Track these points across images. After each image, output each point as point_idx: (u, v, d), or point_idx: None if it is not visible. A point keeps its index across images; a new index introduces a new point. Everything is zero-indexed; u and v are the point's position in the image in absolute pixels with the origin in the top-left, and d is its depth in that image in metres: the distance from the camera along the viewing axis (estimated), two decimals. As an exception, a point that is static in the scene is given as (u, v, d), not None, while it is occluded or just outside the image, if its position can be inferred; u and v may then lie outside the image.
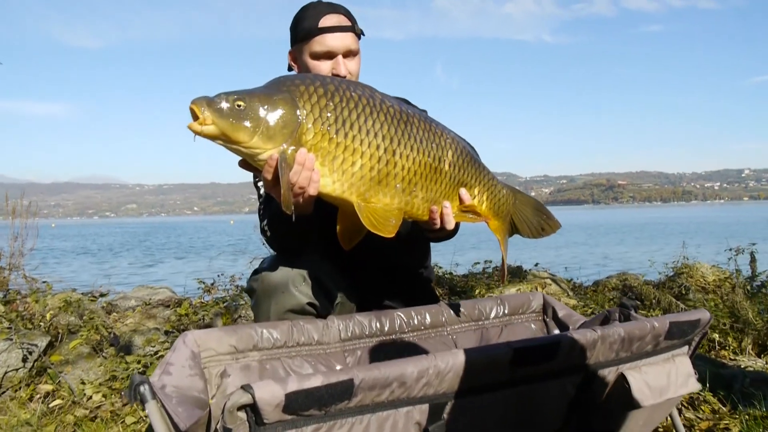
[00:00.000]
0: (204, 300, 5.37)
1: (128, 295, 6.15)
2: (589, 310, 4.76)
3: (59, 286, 6.40)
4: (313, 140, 1.47)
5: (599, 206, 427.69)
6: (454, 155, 1.69)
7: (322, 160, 1.49)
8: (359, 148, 1.51)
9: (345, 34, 1.93)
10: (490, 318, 1.98)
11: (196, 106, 1.37)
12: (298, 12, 2.00)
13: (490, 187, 1.80)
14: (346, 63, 1.95)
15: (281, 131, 1.44)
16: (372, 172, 1.53)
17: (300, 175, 1.45)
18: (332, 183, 1.51)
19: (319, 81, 1.52)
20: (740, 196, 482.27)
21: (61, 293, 5.37)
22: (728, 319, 3.82)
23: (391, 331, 1.79)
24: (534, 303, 2.06)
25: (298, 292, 1.74)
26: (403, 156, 1.57)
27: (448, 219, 1.66)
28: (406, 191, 1.59)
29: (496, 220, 1.83)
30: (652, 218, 61.65)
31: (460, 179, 1.71)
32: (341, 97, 1.51)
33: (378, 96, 1.60)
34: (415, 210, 1.63)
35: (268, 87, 1.50)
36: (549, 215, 1.90)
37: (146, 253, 24.67)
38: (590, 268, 13.25)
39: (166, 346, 3.87)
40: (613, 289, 6.39)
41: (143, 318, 4.99)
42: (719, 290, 5.72)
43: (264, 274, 1.77)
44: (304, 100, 1.47)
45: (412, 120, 1.62)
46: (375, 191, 1.54)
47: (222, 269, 8.71)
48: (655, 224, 43.47)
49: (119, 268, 17.59)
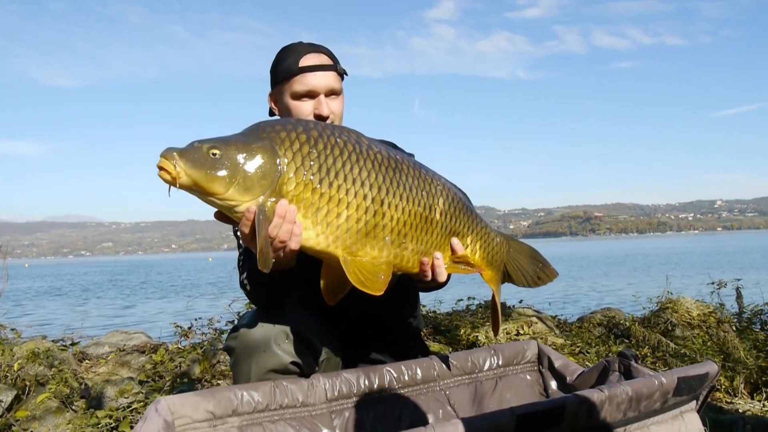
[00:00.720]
0: (181, 345, 5.18)
1: (101, 341, 5.93)
2: (576, 349, 4.68)
3: (29, 333, 6.16)
4: (294, 191, 1.36)
5: (577, 238, 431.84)
6: (446, 203, 1.60)
7: (305, 212, 1.38)
8: (345, 199, 1.40)
9: (327, 73, 1.86)
10: (484, 370, 1.87)
11: (166, 158, 1.27)
12: (278, 53, 1.93)
13: (483, 236, 1.70)
14: (329, 103, 1.87)
15: (260, 182, 1.33)
16: (359, 224, 1.42)
17: (280, 228, 1.34)
18: (316, 236, 1.40)
19: (301, 126, 1.43)
20: (714, 226, 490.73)
21: (31, 341, 5.14)
22: (719, 358, 3.76)
23: (380, 388, 1.68)
24: (528, 353, 1.96)
25: (281, 350, 1.61)
26: (393, 206, 1.47)
27: (440, 271, 1.57)
28: (395, 243, 1.48)
29: (490, 269, 1.73)
30: (631, 250, 62.22)
31: (452, 228, 1.61)
32: (325, 144, 1.41)
33: (365, 141, 1.50)
34: (405, 262, 1.53)
35: (246, 134, 1.40)
36: (545, 263, 1.80)
37: (122, 293, 24.14)
38: (574, 302, 13.22)
39: (139, 397, 3.69)
40: (598, 324, 6.33)
41: (117, 366, 4.80)
42: (704, 325, 5.69)
43: (243, 331, 1.64)
44: (285, 148, 1.37)
45: (402, 166, 1.53)
46: (362, 244, 1.44)
47: (201, 310, 8.49)
48: (635, 255, 43.83)
49: (95, 310, 17.14)
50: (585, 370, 1.86)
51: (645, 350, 4.23)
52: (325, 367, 1.75)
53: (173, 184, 1.27)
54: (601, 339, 5.56)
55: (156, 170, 1.26)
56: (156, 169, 1.26)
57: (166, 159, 1.27)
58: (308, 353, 1.68)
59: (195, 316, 5.93)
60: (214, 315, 5.78)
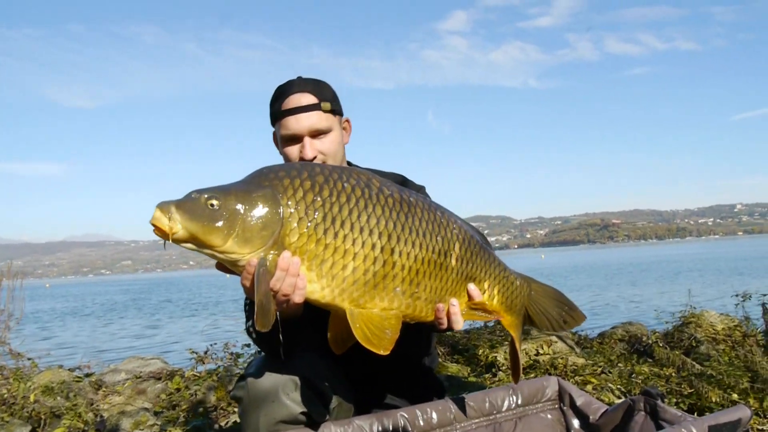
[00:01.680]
0: (197, 371, 5.14)
1: (118, 368, 5.90)
2: (598, 369, 4.56)
3: (46, 361, 6.17)
4: (297, 242, 1.30)
5: (595, 246, 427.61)
6: (462, 247, 1.51)
7: (309, 264, 1.31)
8: (351, 249, 1.33)
9: (309, 114, 1.80)
10: (503, 411, 1.80)
11: (162, 210, 1.21)
12: (273, 93, 1.90)
13: (502, 279, 1.61)
14: (314, 143, 1.81)
15: (260, 233, 1.27)
16: (366, 276, 1.35)
17: (283, 281, 1.28)
18: (321, 289, 1.33)
19: (306, 172, 1.36)
20: (734, 231, 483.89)
21: (47, 370, 5.14)
22: (746, 378, 3.64)
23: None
24: (549, 390, 1.89)
25: (290, 400, 1.55)
26: (404, 254, 1.39)
27: (456, 318, 1.49)
28: (407, 293, 1.40)
29: (510, 315, 1.64)
30: (652, 257, 61.26)
31: (469, 273, 1.53)
32: (331, 190, 1.34)
33: (375, 184, 1.43)
34: (419, 312, 1.45)
35: (248, 181, 1.34)
36: (572, 306, 1.71)
37: (141, 314, 24.21)
38: (595, 315, 13.02)
39: (155, 429, 3.65)
40: (620, 340, 6.19)
41: (133, 394, 4.75)
42: (729, 339, 5.53)
43: (251, 381, 1.59)
44: (288, 196, 1.31)
45: (414, 210, 1.44)
46: (371, 296, 1.36)
47: (226, 328, 8.46)
48: (656, 263, 43.13)
49: (118, 331, 17.20)
50: (609, 409, 1.78)
51: (669, 370, 4.11)
52: (336, 414, 1.69)
53: (167, 238, 1.21)
54: (624, 356, 5.43)
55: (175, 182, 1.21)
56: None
57: (162, 212, 1.21)
58: (318, 401, 1.62)
59: (220, 334, 5.88)
60: (229, 339, 5.74)
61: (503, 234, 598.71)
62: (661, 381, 3.84)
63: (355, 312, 1.35)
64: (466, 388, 4.46)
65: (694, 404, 3.38)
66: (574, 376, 4.42)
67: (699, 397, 3.38)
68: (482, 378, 4.87)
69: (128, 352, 10.56)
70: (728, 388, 3.47)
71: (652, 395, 1.67)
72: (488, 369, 5.01)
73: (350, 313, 1.35)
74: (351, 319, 1.34)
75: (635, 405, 1.69)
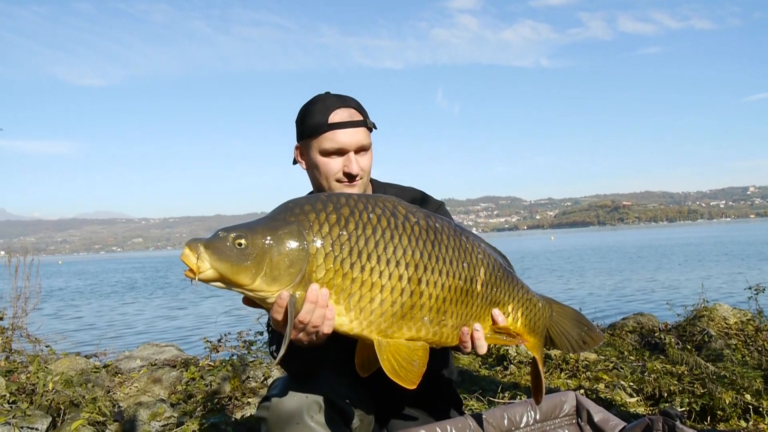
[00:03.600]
0: (211, 360, 5.20)
1: (133, 355, 5.99)
2: (610, 365, 4.58)
3: (63, 345, 6.27)
4: (325, 278, 1.31)
5: (605, 228, 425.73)
6: (487, 272, 1.52)
7: (337, 298, 1.32)
8: (379, 282, 1.33)
9: (357, 130, 1.81)
10: (521, 427, 1.82)
11: (191, 250, 1.22)
12: (306, 105, 1.88)
13: (525, 302, 1.62)
14: (358, 160, 1.82)
15: (287, 271, 1.28)
16: (394, 307, 1.35)
17: (313, 314, 1.30)
18: (349, 322, 1.34)
19: (332, 204, 1.37)
20: (746, 213, 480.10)
21: (65, 357, 5.23)
22: (759, 378, 3.64)
23: (415, 453, 1.64)
24: (566, 406, 1.90)
25: (315, 423, 1.58)
26: (431, 283, 1.39)
27: (480, 343, 1.49)
28: (434, 322, 1.41)
29: (533, 337, 1.65)
30: (664, 240, 60.79)
31: (494, 298, 1.54)
32: (357, 223, 1.35)
33: (401, 212, 1.43)
34: (444, 339, 1.46)
35: (274, 218, 1.35)
36: (591, 327, 1.72)
37: (158, 292, 24.33)
38: (606, 301, 13.00)
39: (171, 420, 3.72)
40: (630, 332, 6.20)
41: (148, 382, 4.83)
42: (741, 334, 5.52)
43: (275, 402, 1.61)
44: (314, 232, 1.31)
45: (441, 237, 1.45)
46: (398, 327, 1.37)
47: (244, 314, 8.50)
48: (669, 247, 42.81)
49: (135, 311, 17.33)
50: (627, 426, 1.80)
51: (682, 368, 4.12)
52: (358, 429, 1.71)
53: (194, 276, 1.23)
54: (636, 349, 5.44)
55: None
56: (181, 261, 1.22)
57: (191, 251, 1.22)
58: (341, 422, 1.64)
59: (233, 321, 5.90)
60: (243, 329, 5.81)
61: (513, 215, 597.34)
62: (673, 379, 3.84)
63: (383, 343, 1.36)
64: (477, 382, 4.50)
65: (707, 404, 3.38)
66: (585, 371, 4.44)
67: (711, 397, 3.38)
68: (493, 371, 4.91)
69: (143, 337, 10.70)
70: (741, 389, 3.47)
71: (671, 416, 1.68)
72: (499, 362, 5.05)
73: (378, 344, 1.36)
74: (379, 351, 1.35)
75: (653, 425, 1.70)
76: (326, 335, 1.36)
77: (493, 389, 4.14)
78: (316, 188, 1.92)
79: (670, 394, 3.61)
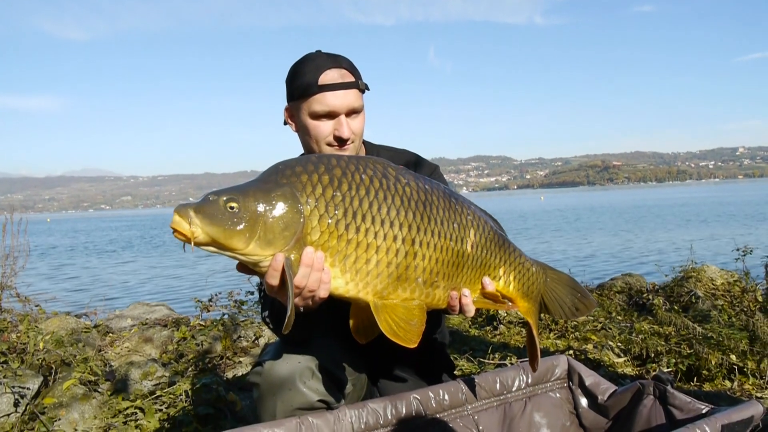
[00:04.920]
0: (202, 320, 5.21)
1: (124, 314, 5.99)
2: (599, 325, 4.64)
3: (52, 306, 6.25)
4: (319, 240, 1.29)
5: (594, 188, 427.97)
6: (477, 234, 1.50)
7: (332, 260, 1.30)
8: (374, 243, 1.31)
9: (348, 92, 1.75)
10: (513, 390, 1.83)
11: (181, 215, 1.18)
12: (295, 65, 1.81)
13: (518, 266, 1.61)
14: (350, 123, 1.76)
15: (282, 234, 1.25)
16: (390, 268, 1.34)
17: (309, 277, 1.27)
18: (345, 284, 1.32)
19: (323, 165, 1.33)
20: (735, 174, 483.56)
21: (55, 317, 5.21)
22: (745, 340, 3.69)
23: (408, 417, 1.64)
24: (558, 369, 1.91)
25: (307, 388, 1.58)
26: (425, 244, 1.38)
27: (469, 308, 1.49)
28: (427, 283, 1.40)
29: (526, 301, 1.64)
30: (652, 200, 61.17)
31: (484, 260, 1.52)
32: (350, 184, 1.32)
33: (392, 173, 1.40)
34: (436, 301, 1.45)
35: (265, 180, 1.31)
36: (584, 294, 1.71)
37: (153, 252, 24.27)
38: (594, 261, 13.12)
39: (163, 380, 3.73)
40: (618, 292, 6.26)
41: (139, 341, 4.84)
42: (728, 295, 5.60)
43: (268, 367, 1.60)
44: (308, 194, 1.28)
45: (432, 198, 1.43)
46: (394, 288, 1.36)
47: (226, 276, 8.52)
48: (657, 207, 43.10)
49: (125, 270, 17.31)
50: (618, 390, 1.81)
51: (669, 329, 4.17)
52: (350, 395, 1.71)
53: (188, 242, 1.20)
54: (623, 309, 5.50)
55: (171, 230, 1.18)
56: (171, 229, 1.19)
57: (180, 217, 1.18)
58: (334, 387, 1.64)
59: (227, 278, 5.86)
60: (233, 289, 5.81)
61: (503, 174, 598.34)
62: (660, 340, 3.89)
63: (378, 304, 1.35)
64: (467, 342, 4.54)
65: (693, 365, 3.44)
66: (574, 332, 4.49)
67: (698, 358, 3.43)
68: (483, 331, 4.95)
69: (133, 295, 10.71)
70: (727, 350, 3.52)
71: (662, 380, 1.69)
72: (489, 322, 5.09)
73: (374, 305, 1.35)
74: (376, 312, 1.34)
75: (645, 389, 1.71)
76: (322, 299, 1.34)
77: (483, 349, 4.18)
78: (306, 150, 1.87)
79: (657, 354, 3.66)
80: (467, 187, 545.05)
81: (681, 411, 1.61)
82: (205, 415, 2.98)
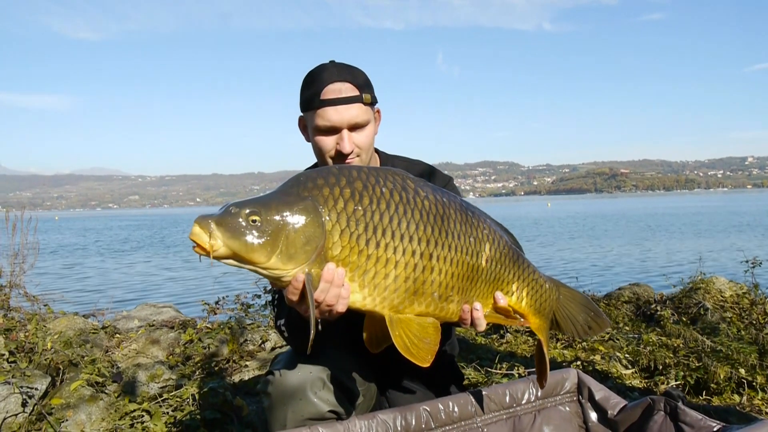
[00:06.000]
0: (209, 323, 5.23)
1: (131, 315, 6.01)
2: (606, 335, 4.62)
3: (60, 306, 6.28)
4: (340, 255, 1.28)
5: (601, 195, 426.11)
6: (492, 248, 1.50)
7: (351, 275, 1.29)
8: (393, 258, 1.30)
9: (350, 106, 1.74)
10: (522, 404, 1.82)
11: (201, 227, 1.17)
12: (306, 76, 1.82)
13: (531, 282, 1.60)
14: (353, 137, 1.75)
15: (303, 248, 1.24)
16: (407, 283, 1.33)
17: (328, 293, 1.27)
18: (363, 299, 1.32)
19: (344, 178, 1.32)
20: (743, 183, 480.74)
21: (63, 317, 5.24)
22: (755, 354, 3.66)
23: (417, 429, 1.64)
24: (568, 383, 1.90)
25: (318, 399, 1.58)
26: (441, 258, 1.37)
27: (480, 322, 1.48)
28: (442, 297, 1.40)
29: (538, 318, 1.63)
30: (662, 208, 60.66)
31: (498, 275, 1.52)
32: (371, 198, 1.31)
33: (411, 186, 1.40)
34: (449, 314, 1.44)
35: (286, 192, 1.30)
36: (597, 312, 1.69)
37: (162, 252, 24.30)
38: (602, 271, 13.04)
39: (170, 383, 3.74)
40: (626, 302, 6.24)
41: (146, 343, 4.86)
42: (737, 307, 5.57)
43: (278, 376, 1.61)
44: (329, 208, 1.27)
45: (449, 212, 1.42)
46: (410, 302, 1.35)
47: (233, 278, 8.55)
48: (665, 216, 42.81)
49: (132, 271, 17.32)
50: (628, 405, 1.80)
51: (677, 341, 4.15)
52: (360, 406, 1.71)
53: (208, 255, 1.18)
54: (631, 320, 5.48)
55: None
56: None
57: (201, 228, 1.17)
58: (345, 398, 1.64)
59: (234, 279, 5.87)
60: (240, 291, 5.82)
61: (510, 180, 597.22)
62: (668, 352, 3.87)
63: (394, 318, 1.34)
64: (474, 351, 4.53)
65: (701, 378, 3.41)
66: (581, 342, 4.48)
67: (706, 371, 3.41)
68: (490, 339, 4.94)
69: (141, 296, 10.73)
70: (736, 364, 3.49)
71: (673, 397, 1.68)
72: (496, 330, 5.08)
73: (389, 319, 1.34)
74: (390, 327, 1.33)
75: (655, 405, 1.70)
76: (340, 314, 1.33)
77: (490, 358, 4.17)
78: (317, 160, 1.88)
79: (666, 366, 3.64)
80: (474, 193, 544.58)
81: (692, 428, 1.60)
82: (212, 419, 2.98)
